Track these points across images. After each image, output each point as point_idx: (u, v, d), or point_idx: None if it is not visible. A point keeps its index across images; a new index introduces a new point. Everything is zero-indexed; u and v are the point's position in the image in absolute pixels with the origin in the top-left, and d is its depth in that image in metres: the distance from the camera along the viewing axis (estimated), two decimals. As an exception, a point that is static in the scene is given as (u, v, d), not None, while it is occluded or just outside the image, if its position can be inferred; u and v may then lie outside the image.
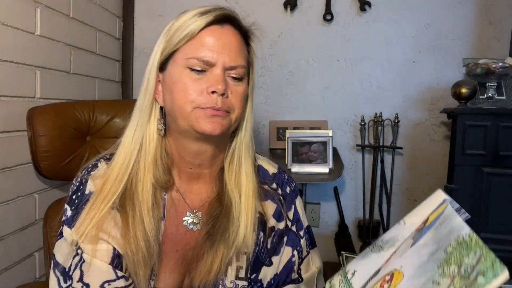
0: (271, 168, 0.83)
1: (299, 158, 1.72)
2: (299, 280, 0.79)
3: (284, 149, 1.75)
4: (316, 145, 1.72)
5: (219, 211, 0.72)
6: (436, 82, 1.78)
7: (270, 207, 0.78)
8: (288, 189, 0.82)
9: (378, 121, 1.77)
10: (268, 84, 1.85)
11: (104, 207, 0.66)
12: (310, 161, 1.71)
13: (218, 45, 0.66)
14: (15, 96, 1.12)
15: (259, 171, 0.80)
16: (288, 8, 1.80)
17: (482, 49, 1.74)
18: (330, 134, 1.73)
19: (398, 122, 1.76)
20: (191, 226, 0.74)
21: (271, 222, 0.77)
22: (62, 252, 0.67)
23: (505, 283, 0.38)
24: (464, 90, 1.51)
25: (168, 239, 0.72)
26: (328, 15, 1.79)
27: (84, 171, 0.72)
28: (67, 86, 1.39)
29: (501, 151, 1.41)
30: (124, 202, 0.68)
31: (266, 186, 0.79)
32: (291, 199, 0.82)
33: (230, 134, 0.75)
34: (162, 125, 0.72)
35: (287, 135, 1.75)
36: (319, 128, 1.81)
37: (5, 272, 1.10)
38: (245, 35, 0.73)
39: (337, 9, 1.80)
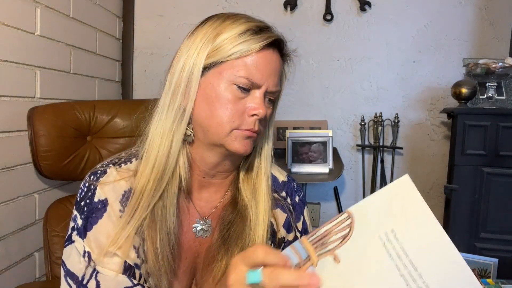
0: (280, 176, 0.83)
1: (299, 158, 1.72)
2: None
3: (284, 149, 1.75)
4: (316, 145, 1.72)
5: (233, 215, 0.72)
6: (436, 82, 1.78)
7: (281, 216, 0.78)
8: (297, 199, 0.82)
9: (378, 121, 1.77)
10: (268, 84, 1.85)
11: (135, 224, 0.65)
12: (310, 161, 1.71)
13: (268, 69, 0.66)
14: (15, 96, 1.12)
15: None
16: (288, 8, 1.81)
17: (482, 49, 1.74)
18: (330, 134, 1.73)
19: (398, 122, 1.76)
20: (200, 234, 0.73)
21: (282, 232, 0.77)
22: (72, 260, 0.66)
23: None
24: (464, 90, 1.51)
25: (178, 247, 0.71)
26: (328, 15, 1.79)
27: (92, 177, 0.69)
28: (67, 86, 1.39)
29: (501, 151, 1.41)
30: (154, 210, 0.66)
31: (276, 194, 0.79)
32: (300, 209, 0.82)
33: None
34: (191, 130, 0.69)
35: (287, 135, 1.75)
36: (319, 128, 1.81)
37: (5, 272, 1.10)
38: (284, 59, 0.73)
39: (337, 9, 1.80)
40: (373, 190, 1.80)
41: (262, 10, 1.81)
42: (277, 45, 0.69)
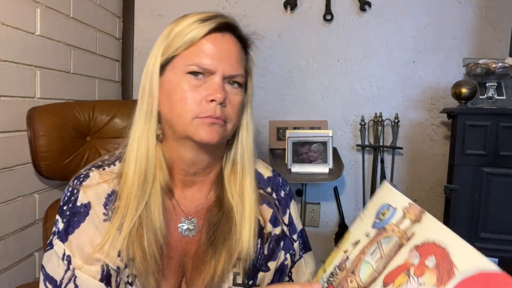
0: (266, 171, 0.83)
1: (299, 158, 1.72)
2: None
3: (284, 149, 1.75)
4: (316, 145, 1.72)
5: (219, 217, 0.72)
6: (436, 82, 1.78)
7: (267, 212, 0.78)
8: (282, 193, 0.82)
9: (378, 121, 1.77)
10: (268, 84, 1.85)
11: (128, 226, 0.65)
12: (310, 161, 1.71)
13: (218, 53, 0.66)
14: (15, 96, 1.12)
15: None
16: (288, 8, 1.80)
17: (482, 49, 1.74)
18: (330, 134, 1.73)
19: (398, 122, 1.76)
20: (186, 233, 0.73)
21: (268, 227, 0.77)
22: (52, 264, 0.66)
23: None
24: (464, 90, 1.51)
25: (165, 246, 0.71)
26: (328, 15, 1.79)
27: (76, 181, 0.70)
28: (67, 86, 1.39)
29: (501, 151, 1.41)
30: (141, 213, 0.67)
31: (261, 191, 0.78)
32: (286, 203, 0.82)
33: (225, 143, 0.75)
34: (160, 130, 0.71)
35: (287, 135, 1.75)
36: (319, 128, 1.81)
37: (5, 272, 1.10)
38: (244, 43, 0.73)
39: (337, 9, 1.80)
40: (373, 190, 1.80)
41: (262, 10, 1.81)
42: (230, 29, 0.69)
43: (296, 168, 1.68)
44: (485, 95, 1.55)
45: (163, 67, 0.68)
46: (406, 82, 1.80)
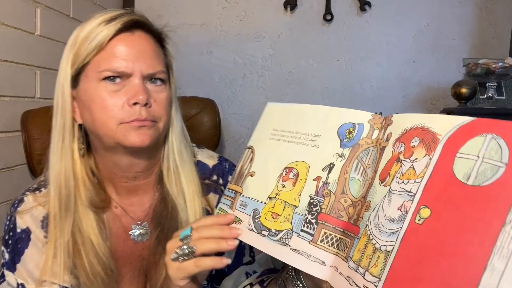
0: (211, 161, 0.81)
1: (299, 158, 1.71)
2: (251, 261, 0.77)
3: (284, 149, 1.75)
4: (316, 145, 1.72)
5: (165, 215, 0.71)
6: (436, 82, 1.78)
7: (214, 199, 0.77)
8: (229, 178, 0.81)
9: (378, 121, 1.77)
10: (268, 84, 1.85)
11: (63, 248, 0.64)
12: (310, 161, 1.71)
13: (131, 54, 0.63)
14: (15, 96, 1.12)
15: (198, 167, 0.78)
16: (288, 8, 1.80)
17: (482, 49, 1.74)
18: (330, 134, 1.73)
19: (398, 122, 1.76)
20: (139, 238, 0.72)
21: (215, 212, 0.78)
22: None
23: None
24: (464, 90, 1.51)
25: (119, 256, 0.71)
26: (328, 15, 1.79)
27: (12, 208, 0.69)
28: (67, 86, 1.39)
29: (501, 151, 1.41)
30: (73, 233, 0.65)
31: (207, 181, 0.77)
32: None
33: (163, 141, 0.73)
34: (81, 144, 0.68)
35: (287, 135, 1.74)
36: (319, 128, 1.81)
37: (5, 272, 1.10)
38: (159, 38, 0.70)
39: (337, 9, 1.80)
40: (373, 190, 1.80)
41: (262, 10, 1.81)
42: (140, 26, 0.66)
43: (296, 168, 1.68)
44: (485, 95, 1.54)
45: (76, 77, 0.65)
46: (406, 82, 1.79)
